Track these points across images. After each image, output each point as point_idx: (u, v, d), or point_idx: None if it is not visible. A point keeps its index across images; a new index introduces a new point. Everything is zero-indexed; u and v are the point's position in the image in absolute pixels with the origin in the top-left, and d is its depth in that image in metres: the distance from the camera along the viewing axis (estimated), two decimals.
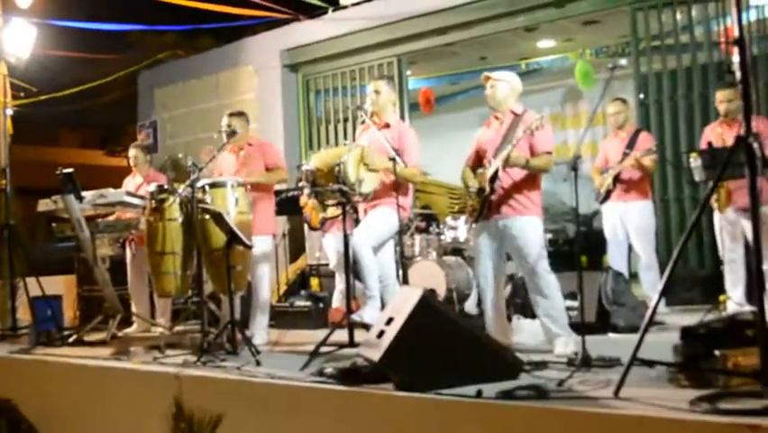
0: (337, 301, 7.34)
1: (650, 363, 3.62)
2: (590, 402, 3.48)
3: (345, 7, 10.30)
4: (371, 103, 5.86)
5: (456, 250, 7.62)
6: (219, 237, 5.58)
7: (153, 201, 5.92)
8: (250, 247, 5.65)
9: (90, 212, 6.86)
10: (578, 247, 6.73)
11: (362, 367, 4.29)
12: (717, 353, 3.55)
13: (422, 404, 3.74)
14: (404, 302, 4.15)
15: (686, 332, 3.86)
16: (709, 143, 6.08)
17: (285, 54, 10.82)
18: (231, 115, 6.48)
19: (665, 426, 3.09)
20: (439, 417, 3.68)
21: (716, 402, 3.16)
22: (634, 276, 7.05)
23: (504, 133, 5.21)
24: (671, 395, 3.45)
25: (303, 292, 8.08)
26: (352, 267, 5.44)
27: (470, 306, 7.10)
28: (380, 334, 4.12)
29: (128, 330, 7.31)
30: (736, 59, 3.47)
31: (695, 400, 3.19)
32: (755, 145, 3.39)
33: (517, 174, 5.12)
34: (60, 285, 8.71)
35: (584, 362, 4.31)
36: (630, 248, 7.08)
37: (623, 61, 5.92)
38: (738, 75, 3.46)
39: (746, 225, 6.12)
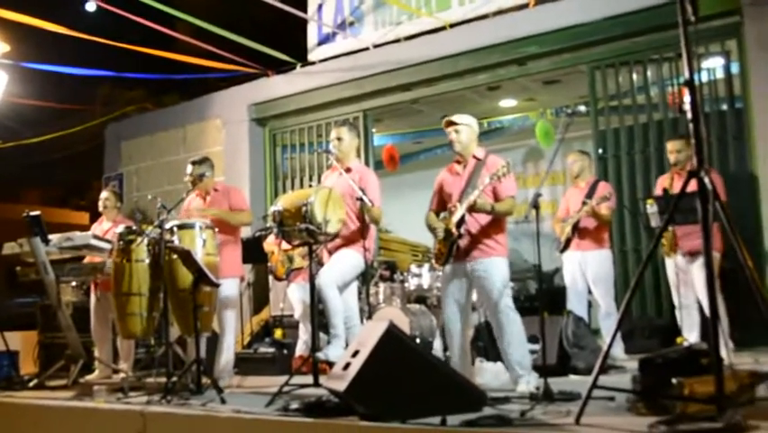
0: (300, 351, 7.35)
1: (610, 390, 3.74)
2: (553, 429, 3.56)
3: (313, 63, 10.51)
4: (335, 149, 6.00)
5: (420, 298, 7.71)
6: (186, 277, 5.62)
7: (121, 242, 5.95)
8: (217, 286, 5.69)
9: (56, 256, 6.84)
10: (540, 289, 6.83)
11: (327, 402, 4.34)
12: (674, 381, 3.66)
13: None
14: (370, 335, 4.22)
15: (644, 363, 3.98)
16: (665, 189, 6.30)
17: (252, 108, 10.98)
18: (194, 163, 6.56)
19: None
20: None
21: (673, 425, 3.27)
22: (596, 332, 7.15)
23: (467, 178, 5.33)
24: (630, 422, 3.55)
25: (267, 339, 8.08)
26: (317, 307, 5.51)
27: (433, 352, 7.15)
28: (346, 366, 4.18)
29: (89, 376, 7.23)
30: (687, 98, 3.67)
31: (654, 424, 3.30)
32: (707, 180, 3.56)
33: (483, 218, 5.23)
34: (18, 340, 8.61)
35: (546, 395, 4.41)
36: (590, 302, 7.24)
37: (582, 108, 6.14)
38: (689, 114, 3.66)
39: (693, 270, 6.34)
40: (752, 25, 7.52)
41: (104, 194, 7.90)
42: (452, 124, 5.46)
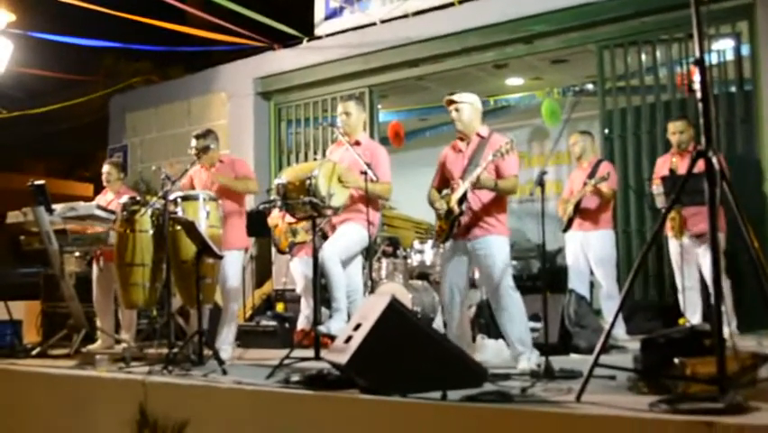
0: (302, 325, 7.36)
1: (611, 368, 3.73)
2: (553, 405, 3.56)
3: (320, 37, 10.45)
4: (342, 123, 5.97)
5: (423, 274, 7.71)
6: (189, 249, 5.62)
7: (125, 212, 5.94)
8: (220, 257, 5.68)
9: (59, 225, 6.83)
10: (543, 267, 6.81)
11: (328, 375, 4.34)
12: (676, 360, 3.65)
13: (387, 407, 3.78)
14: (372, 309, 4.21)
15: (647, 342, 3.97)
16: (671, 170, 6.28)
17: (258, 82, 10.94)
18: (197, 136, 6.51)
19: (626, 424, 3.18)
20: (404, 419, 3.73)
21: (674, 404, 3.26)
22: (597, 312, 7.14)
23: (470, 155, 5.31)
24: (631, 400, 3.55)
25: (269, 313, 8.10)
26: (320, 281, 5.50)
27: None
28: (348, 339, 4.18)
29: (92, 346, 7.25)
30: (697, 77, 3.63)
31: (655, 403, 3.29)
32: (714, 160, 3.53)
33: (485, 195, 5.22)
34: (21, 310, 8.64)
35: (547, 373, 4.41)
36: (592, 283, 7.24)
37: (590, 86, 6.09)
38: (699, 94, 3.62)
39: (700, 252, 6.35)
40: (764, 7, 7.45)
41: (105, 167, 7.83)
42: (452, 102, 5.42)
